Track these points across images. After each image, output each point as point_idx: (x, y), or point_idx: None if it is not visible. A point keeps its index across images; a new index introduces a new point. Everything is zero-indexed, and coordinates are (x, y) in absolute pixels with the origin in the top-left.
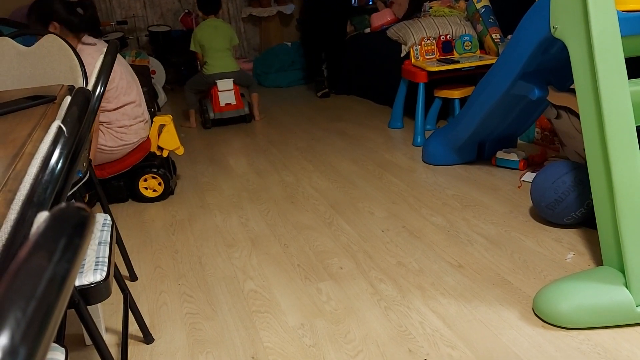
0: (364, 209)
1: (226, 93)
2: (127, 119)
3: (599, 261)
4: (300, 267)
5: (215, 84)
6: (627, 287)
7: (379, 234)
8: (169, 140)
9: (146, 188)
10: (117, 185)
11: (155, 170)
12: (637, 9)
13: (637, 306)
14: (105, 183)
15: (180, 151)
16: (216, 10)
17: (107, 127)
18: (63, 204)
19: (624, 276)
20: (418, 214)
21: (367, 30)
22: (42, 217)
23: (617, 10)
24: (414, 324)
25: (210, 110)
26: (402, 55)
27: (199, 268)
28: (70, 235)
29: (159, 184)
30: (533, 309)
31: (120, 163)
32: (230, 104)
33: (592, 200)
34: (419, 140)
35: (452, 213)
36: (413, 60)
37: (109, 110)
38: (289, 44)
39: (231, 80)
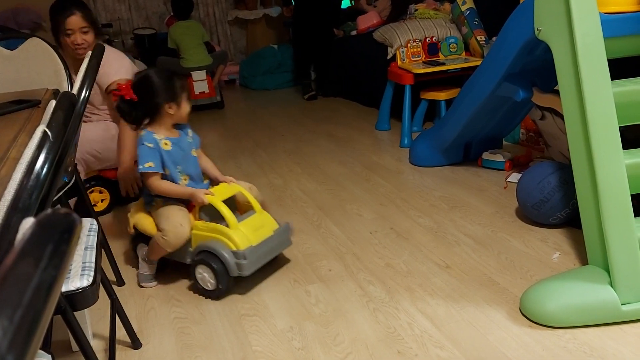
0: (352, 211)
1: (200, 83)
2: None
3: (584, 260)
4: (288, 270)
5: (191, 75)
6: (612, 286)
7: (367, 236)
8: None
9: None
10: None
11: None
12: (619, 11)
13: (622, 305)
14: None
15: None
16: (187, 16)
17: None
18: (49, 210)
19: (609, 275)
20: (406, 215)
21: (354, 32)
22: (28, 223)
23: (600, 12)
24: (403, 325)
25: None
26: (389, 57)
27: (187, 272)
28: (56, 241)
29: None
30: (520, 309)
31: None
32: (203, 92)
33: (577, 200)
34: (406, 142)
35: (439, 214)
36: (399, 62)
37: None
38: (276, 46)
39: (204, 71)
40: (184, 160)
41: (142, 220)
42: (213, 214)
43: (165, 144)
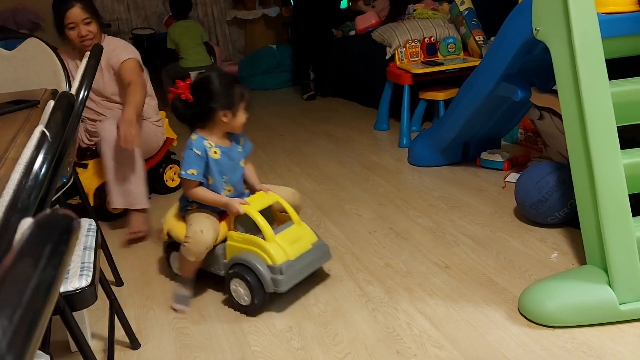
0: (351, 211)
1: None
2: (154, 112)
3: (582, 260)
4: None
5: (189, 75)
6: (610, 286)
7: (366, 236)
8: (170, 132)
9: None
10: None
11: (175, 158)
12: (617, 11)
13: (620, 304)
14: None
15: (176, 142)
16: (185, 15)
17: (153, 123)
18: (48, 210)
19: (607, 275)
20: (405, 215)
21: (352, 32)
22: (27, 223)
23: (598, 13)
24: (402, 325)
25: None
26: (387, 57)
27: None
28: (55, 241)
29: (175, 172)
30: (519, 309)
31: (155, 157)
32: None
33: (575, 200)
34: (404, 142)
35: (438, 214)
36: (398, 62)
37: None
38: (274, 46)
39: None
40: (231, 170)
41: (176, 227)
42: (249, 225)
43: (215, 152)
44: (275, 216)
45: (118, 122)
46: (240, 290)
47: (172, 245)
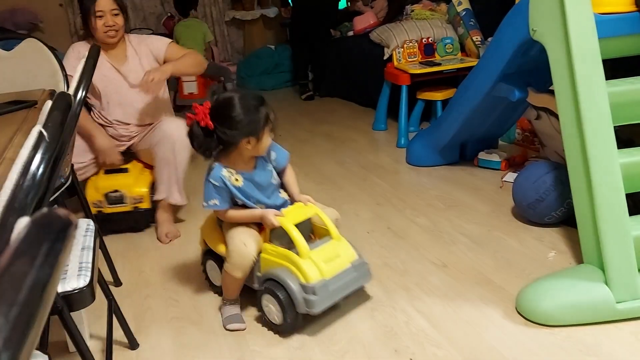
0: (349, 211)
1: (190, 83)
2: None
3: (579, 259)
4: None
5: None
6: (607, 285)
7: (364, 235)
8: None
9: None
10: None
11: None
12: (613, 12)
13: (617, 303)
14: None
15: None
16: (186, 14)
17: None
18: (44, 209)
19: (604, 274)
20: (402, 214)
21: (350, 33)
22: (23, 222)
23: (594, 13)
24: (400, 324)
25: (176, 98)
26: (385, 57)
27: (185, 272)
28: (52, 240)
29: None
30: (516, 308)
31: None
32: (192, 93)
33: (572, 199)
34: (402, 141)
35: (435, 213)
36: (396, 62)
37: None
38: (273, 46)
39: None
40: (259, 192)
41: (213, 236)
42: (286, 238)
43: (236, 180)
44: (314, 230)
45: (99, 147)
46: (271, 307)
47: (209, 253)
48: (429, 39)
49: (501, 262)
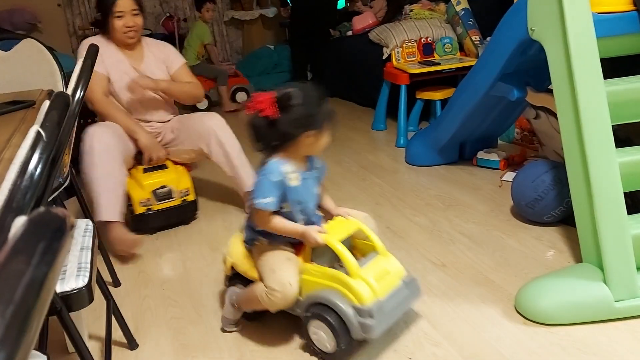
0: None
1: None
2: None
3: (578, 258)
4: None
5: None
6: (605, 284)
7: None
8: None
9: None
10: None
11: None
12: (611, 11)
13: (615, 302)
14: None
15: None
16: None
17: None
18: (41, 208)
19: (603, 273)
20: (401, 214)
21: (349, 33)
22: (20, 221)
23: (593, 12)
24: (399, 323)
25: None
26: (384, 57)
27: (184, 272)
28: (49, 239)
29: None
30: (515, 307)
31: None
32: None
33: (570, 198)
34: (401, 141)
35: (435, 213)
36: (395, 62)
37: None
38: (272, 46)
39: None
40: (307, 197)
41: (243, 261)
42: (327, 256)
43: (294, 178)
44: (353, 244)
45: (143, 144)
46: (321, 334)
47: (235, 278)
48: (428, 39)
49: (500, 262)
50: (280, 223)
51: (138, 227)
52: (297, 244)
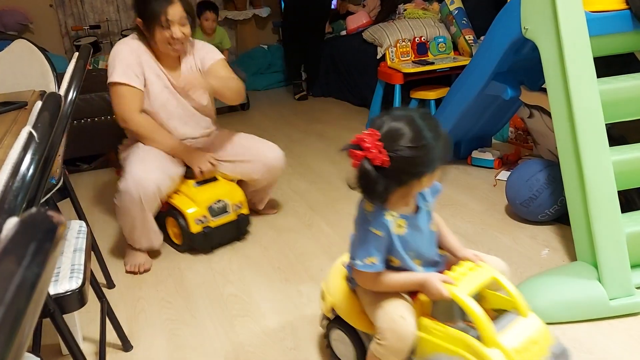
0: (344, 210)
1: None
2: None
3: (573, 257)
4: (280, 270)
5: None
6: (600, 282)
7: None
8: None
9: None
10: None
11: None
12: (604, 10)
13: (610, 300)
14: None
15: None
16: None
17: None
18: (33, 209)
19: (597, 271)
20: None
21: (343, 32)
22: (12, 222)
23: (586, 11)
24: None
25: None
26: (378, 57)
27: (178, 273)
28: (40, 240)
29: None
30: None
31: None
32: None
33: (565, 197)
34: None
35: None
36: (389, 62)
37: None
38: (266, 46)
39: None
40: (419, 242)
41: (345, 303)
42: (449, 311)
43: (399, 225)
44: (483, 296)
45: (179, 153)
46: None
47: (336, 321)
48: (422, 38)
49: None
50: (391, 280)
51: (194, 247)
52: (412, 293)
